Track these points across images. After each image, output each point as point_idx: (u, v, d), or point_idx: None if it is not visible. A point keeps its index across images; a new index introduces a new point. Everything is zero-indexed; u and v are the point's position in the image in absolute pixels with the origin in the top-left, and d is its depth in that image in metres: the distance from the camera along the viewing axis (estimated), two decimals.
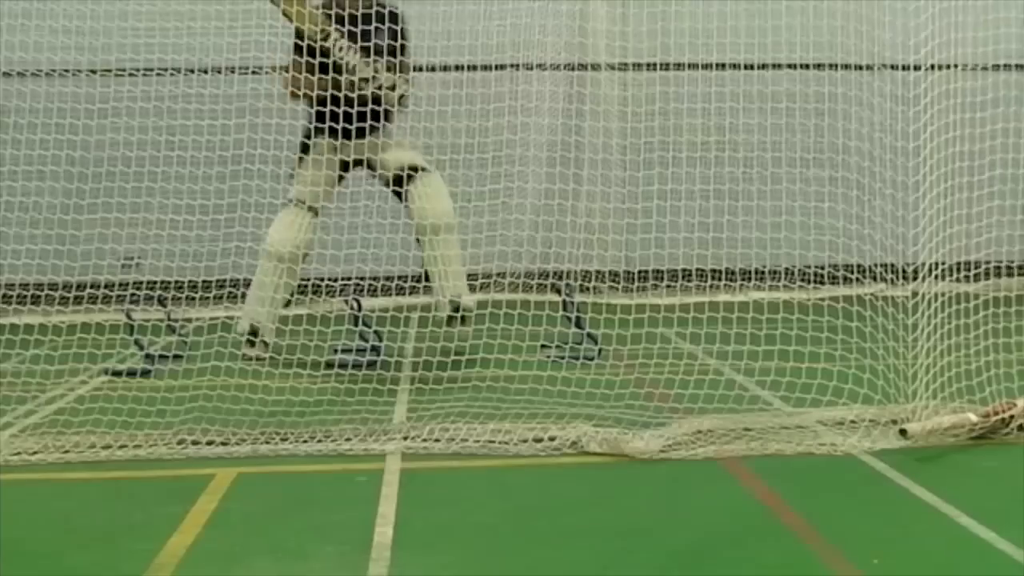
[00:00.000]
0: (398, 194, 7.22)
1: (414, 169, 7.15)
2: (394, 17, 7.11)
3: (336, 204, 7.58)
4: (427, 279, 7.28)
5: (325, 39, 6.88)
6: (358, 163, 7.27)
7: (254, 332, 7.10)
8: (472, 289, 7.34)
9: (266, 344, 7.08)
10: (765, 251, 7.79)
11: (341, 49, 6.87)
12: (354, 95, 6.87)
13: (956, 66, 5.76)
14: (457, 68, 8.51)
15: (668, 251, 8.15)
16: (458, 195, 7.71)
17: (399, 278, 8.90)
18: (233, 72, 8.88)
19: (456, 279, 7.09)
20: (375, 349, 7.19)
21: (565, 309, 7.56)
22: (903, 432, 4.99)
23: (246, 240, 7.49)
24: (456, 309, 7.00)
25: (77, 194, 7.69)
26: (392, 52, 7.05)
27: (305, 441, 5.20)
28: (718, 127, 8.32)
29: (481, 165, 8.12)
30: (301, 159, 7.26)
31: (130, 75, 8.75)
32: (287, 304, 7.32)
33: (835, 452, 5.01)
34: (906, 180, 5.85)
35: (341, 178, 7.36)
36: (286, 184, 7.34)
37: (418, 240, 7.17)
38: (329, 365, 6.86)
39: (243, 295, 7.52)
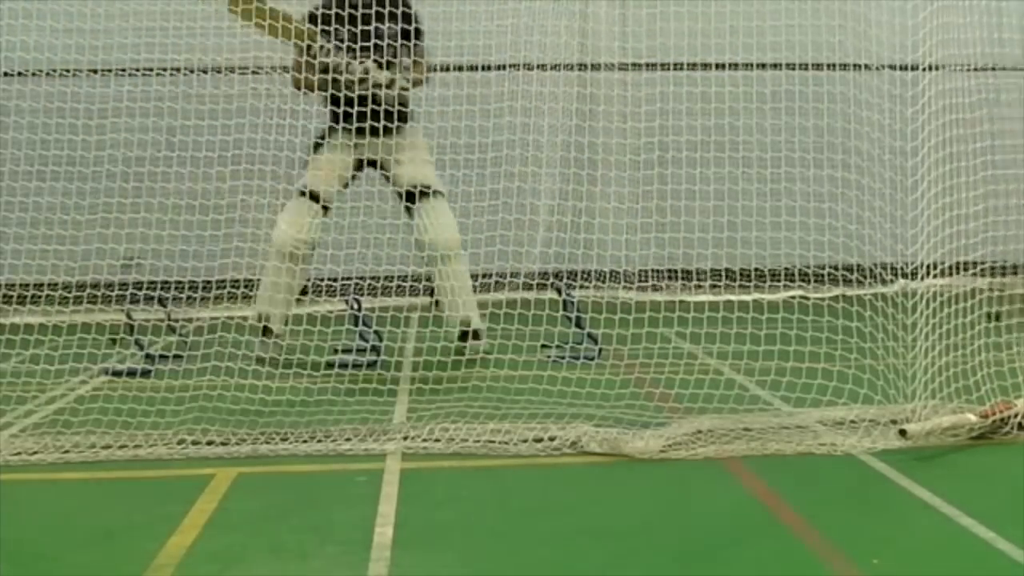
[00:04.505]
0: (408, 209, 7.22)
1: (425, 188, 7.16)
2: (407, 10, 7.07)
3: (336, 203, 7.58)
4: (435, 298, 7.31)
5: (300, 37, 6.82)
6: (372, 163, 7.25)
7: (266, 330, 7.09)
8: (473, 290, 7.34)
9: (280, 345, 7.06)
10: (765, 251, 7.78)
11: (322, 49, 6.82)
12: (354, 94, 6.85)
13: (954, 66, 5.76)
14: (457, 68, 8.51)
15: (668, 251, 8.14)
16: (458, 195, 7.71)
17: (399, 278, 8.89)
18: (233, 72, 8.88)
19: (466, 307, 7.14)
20: (375, 349, 7.20)
21: (565, 309, 7.56)
22: (903, 433, 4.99)
23: (246, 240, 7.49)
24: (464, 335, 7.09)
25: (77, 194, 7.68)
26: (401, 47, 7.02)
27: (305, 441, 5.20)
28: (718, 127, 8.31)
29: (481, 165, 8.11)
30: (315, 153, 7.22)
31: (130, 75, 8.74)
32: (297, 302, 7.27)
33: (835, 452, 5.01)
34: (904, 180, 5.84)
35: (354, 177, 7.32)
36: (292, 177, 7.26)
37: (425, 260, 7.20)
38: (329, 365, 6.86)
39: (243, 295, 7.52)
